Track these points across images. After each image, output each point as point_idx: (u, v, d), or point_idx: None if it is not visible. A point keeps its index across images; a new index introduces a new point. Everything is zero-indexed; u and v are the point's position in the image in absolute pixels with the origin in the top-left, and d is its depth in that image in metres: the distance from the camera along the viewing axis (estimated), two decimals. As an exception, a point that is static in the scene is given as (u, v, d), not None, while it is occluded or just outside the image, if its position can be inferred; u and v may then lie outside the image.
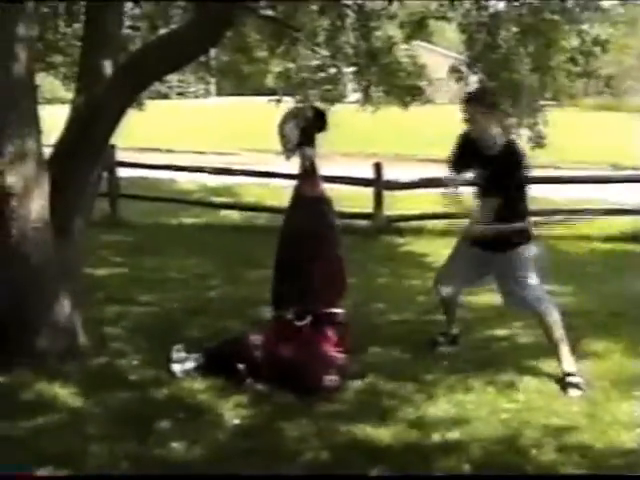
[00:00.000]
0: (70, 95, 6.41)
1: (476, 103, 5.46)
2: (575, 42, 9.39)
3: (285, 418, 4.65)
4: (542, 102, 10.13)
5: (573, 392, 5.09)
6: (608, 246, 10.35)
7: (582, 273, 8.70)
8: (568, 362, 5.29)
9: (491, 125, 5.42)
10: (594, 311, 6.88)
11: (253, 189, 14.65)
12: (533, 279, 5.43)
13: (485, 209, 5.40)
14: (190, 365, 5.37)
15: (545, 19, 8.92)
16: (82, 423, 4.56)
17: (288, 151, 5.60)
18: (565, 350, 5.33)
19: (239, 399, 4.92)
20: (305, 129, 5.54)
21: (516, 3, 9.27)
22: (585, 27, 9.69)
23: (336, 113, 12.47)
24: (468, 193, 5.68)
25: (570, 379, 5.19)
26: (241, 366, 5.20)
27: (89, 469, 4.05)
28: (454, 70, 9.99)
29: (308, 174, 5.61)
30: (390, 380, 5.24)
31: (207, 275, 8.60)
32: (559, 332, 5.34)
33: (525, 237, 5.48)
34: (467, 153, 5.58)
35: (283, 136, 5.59)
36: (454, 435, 4.44)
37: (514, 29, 9.22)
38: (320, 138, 5.61)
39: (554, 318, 5.36)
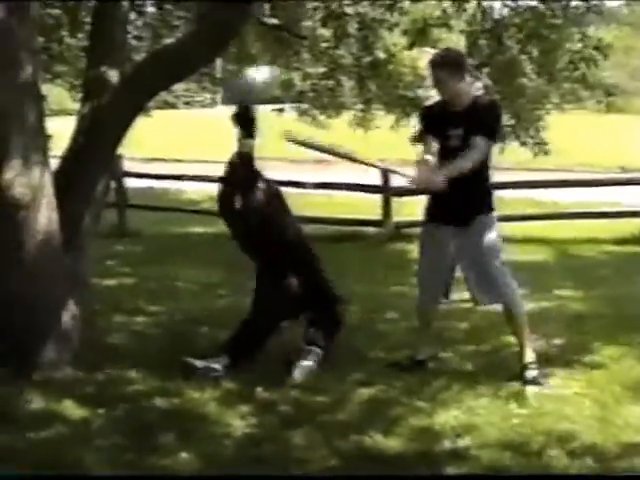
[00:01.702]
0: (77, 106, 6.42)
1: (441, 65, 5.33)
2: (577, 46, 9.37)
3: (292, 427, 4.61)
4: (548, 106, 10.12)
5: (531, 389, 5.08)
6: (619, 249, 10.32)
7: (593, 276, 8.67)
8: (530, 354, 5.31)
9: (460, 86, 5.30)
10: (605, 314, 6.84)
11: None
12: (498, 259, 5.34)
13: (457, 163, 5.17)
14: (218, 367, 5.42)
15: (548, 23, 8.91)
16: (86, 434, 4.53)
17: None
18: (527, 342, 5.35)
19: (246, 409, 4.89)
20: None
21: (520, 8, 9.28)
22: (589, 30, 9.69)
23: (342, 119, 12.56)
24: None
25: (527, 373, 5.22)
26: None
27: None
28: None
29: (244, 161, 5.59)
30: (399, 387, 5.21)
31: (214, 285, 8.59)
32: (524, 324, 5.36)
33: (488, 206, 5.37)
34: (434, 123, 5.40)
35: None
36: (465, 442, 4.40)
37: (518, 35, 9.21)
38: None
39: (521, 309, 5.36)
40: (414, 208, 11.73)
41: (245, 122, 5.52)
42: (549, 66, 9.41)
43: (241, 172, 5.61)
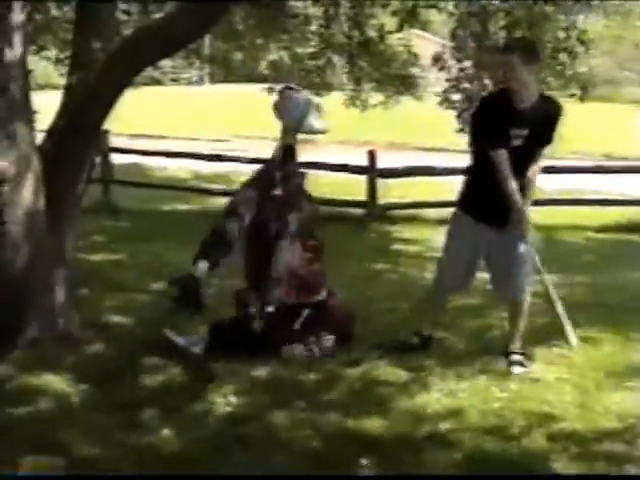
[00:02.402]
0: (64, 81, 6.37)
1: (515, 49, 5.09)
2: (561, 36, 9.36)
3: (277, 407, 4.63)
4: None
5: (514, 372, 5.19)
6: (603, 236, 10.36)
7: (576, 263, 8.69)
8: (518, 342, 5.40)
9: (531, 78, 5.07)
10: (588, 301, 6.86)
11: (246, 176, 14.56)
12: (528, 263, 5.38)
13: (533, 173, 5.25)
14: (200, 346, 5.41)
15: (536, 11, 8.90)
16: (72, 411, 4.55)
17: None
18: (520, 334, 5.42)
19: (231, 387, 4.90)
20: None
21: None
22: (578, 20, 9.67)
23: (330, 100, 12.51)
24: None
25: (513, 357, 5.31)
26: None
27: (78, 457, 4.03)
28: (437, 59, 9.98)
29: (289, 155, 5.69)
30: (382, 369, 5.23)
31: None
32: (524, 319, 5.43)
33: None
34: (497, 118, 5.09)
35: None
36: (446, 425, 4.43)
37: (504, 20, 9.21)
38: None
39: (525, 308, 5.42)
40: (400, 190, 11.83)
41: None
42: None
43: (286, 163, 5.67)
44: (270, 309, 5.49)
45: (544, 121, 5.11)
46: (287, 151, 5.70)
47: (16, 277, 5.36)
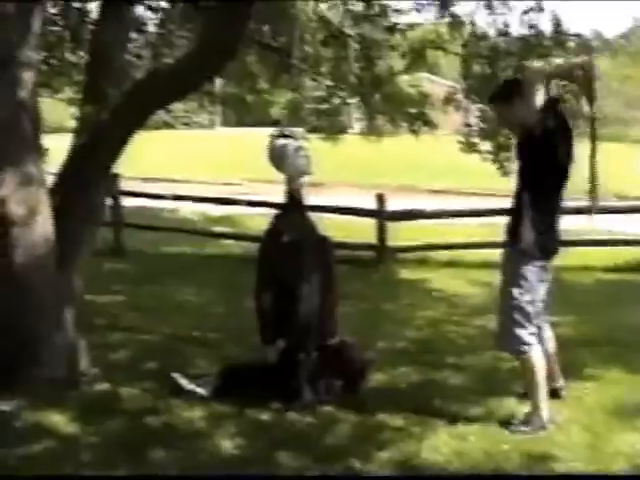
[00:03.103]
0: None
1: (497, 103, 5.20)
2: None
3: (282, 448, 4.62)
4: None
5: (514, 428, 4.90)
6: (612, 276, 10.30)
7: (586, 303, 8.65)
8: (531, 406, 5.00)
9: (521, 112, 4.89)
10: (597, 341, 6.84)
11: (256, 219, 14.64)
12: (515, 311, 4.96)
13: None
14: (207, 389, 5.39)
15: (537, 52, 8.97)
16: (78, 451, 4.54)
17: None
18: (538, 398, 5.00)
19: (236, 428, 4.89)
20: None
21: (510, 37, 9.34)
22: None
23: (341, 143, 12.59)
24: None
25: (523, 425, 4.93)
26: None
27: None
28: (449, 99, 10.01)
29: (296, 201, 5.63)
30: (390, 411, 5.19)
31: (209, 304, 8.58)
32: (530, 377, 5.04)
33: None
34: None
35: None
36: (453, 468, 4.40)
37: (510, 62, 9.26)
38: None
39: (529, 364, 5.00)
40: (410, 233, 11.83)
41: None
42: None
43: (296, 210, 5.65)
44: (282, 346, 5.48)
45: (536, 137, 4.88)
46: (291, 197, 5.66)
47: (24, 317, 5.38)
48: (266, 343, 5.50)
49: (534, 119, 4.79)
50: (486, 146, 10.19)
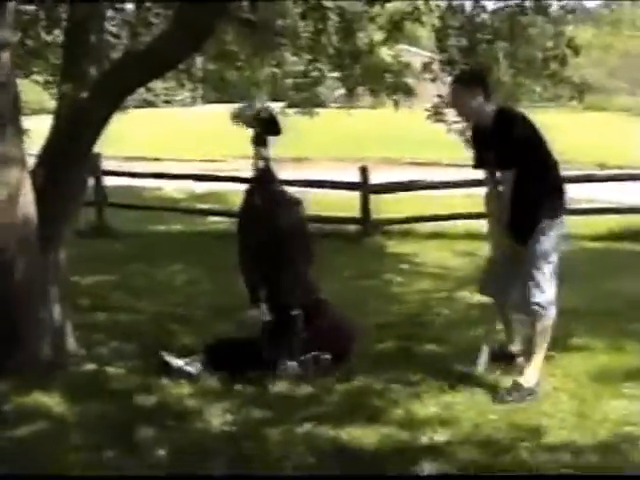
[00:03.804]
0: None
1: (456, 89, 5.32)
2: (549, 44, 9.39)
3: (272, 423, 4.62)
4: (525, 104, 10.12)
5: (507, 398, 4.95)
6: (597, 245, 10.36)
7: (571, 272, 8.64)
8: (533, 376, 5.08)
9: (477, 103, 5.15)
10: (583, 309, 6.87)
11: (241, 195, 14.59)
12: (547, 275, 5.16)
13: (505, 186, 5.14)
14: (196, 366, 5.40)
15: (520, 21, 8.96)
16: (67, 432, 4.53)
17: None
18: (539, 361, 5.14)
19: (226, 405, 4.90)
20: (257, 131, 5.71)
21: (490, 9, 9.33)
22: (567, 29, 9.70)
23: (323, 117, 12.57)
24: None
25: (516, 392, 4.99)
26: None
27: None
28: (426, 68, 9.99)
29: (265, 173, 5.74)
30: (377, 382, 5.22)
31: (195, 282, 8.58)
32: (546, 339, 5.17)
33: (548, 218, 5.17)
34: (478, 143, 5.35)
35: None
36: (442, 437, 4.42)
37: (488, 34, 9.23)
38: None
39: (547, 324, 5.15)
40: (393, 205, 11.85)
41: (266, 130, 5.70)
42: (520, 63, 9.41)
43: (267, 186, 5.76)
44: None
45: (499, 137, 5.10)
46: (261, 168, 5.77)
47: (9, 300, 5.36)
48: (253, 302, 5.64)
49: (487, 117, 5.12)
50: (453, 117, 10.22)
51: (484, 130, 5.23)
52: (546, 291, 5.13)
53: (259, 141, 5.71)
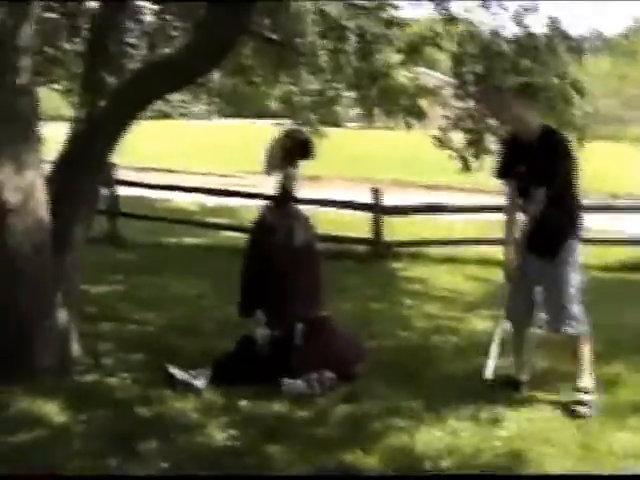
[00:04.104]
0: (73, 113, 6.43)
1: (509, 95, 5.46)
2: (555, 82, 9.43)
3: (274, 440, 4.61)
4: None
5: (582, 409, 5.14)
6: (607, 275, 10.31)
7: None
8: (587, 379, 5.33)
9: (527, 114, 5.30)
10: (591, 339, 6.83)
11: (254, 211, 14.59)
12: (575, 293, 5.35)
13: (534, 203, 5.24)
14: (202, 380, 5.41)
15: (531, 55, 9.00)
16: (68, 440, 4.53)
17: (268, 168, 5.85)
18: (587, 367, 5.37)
19: (228, 419, 4.89)
20: (289, 151, 5.81)
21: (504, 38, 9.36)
22: (565, 69, 9.71)
23: (338, 137, 12.60)
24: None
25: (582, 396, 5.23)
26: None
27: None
28: (433, 91, 10.01)
29: (287, 193, 5.84)
30: (382, 406, 5.19)
31: (204, 295, 8.57)
32: (587, 353, 5.38)
33: (573, 238, 5.37)
34: (511, 154, 5.45)
35: (268, 155, 5.85)
36: (446, 463, 4.40)
37: (503, 63, 9.27)
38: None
39: (586, 341, 5.39)
40: (406, 228, 11.84)
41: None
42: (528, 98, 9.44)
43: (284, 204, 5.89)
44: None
45: (544, 154, 5.20)
46: (283, 189, 5.87)
47: (20, 306, 5.37)
48: (241, 315, 5.83)
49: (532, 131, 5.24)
50: (458, 138, 10.26)
51: (524, 143, 5.30)
52: (578, 305, 5.37)
53: (291, 161, 5.81)
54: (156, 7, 10.22)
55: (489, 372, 5.43)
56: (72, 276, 5.80)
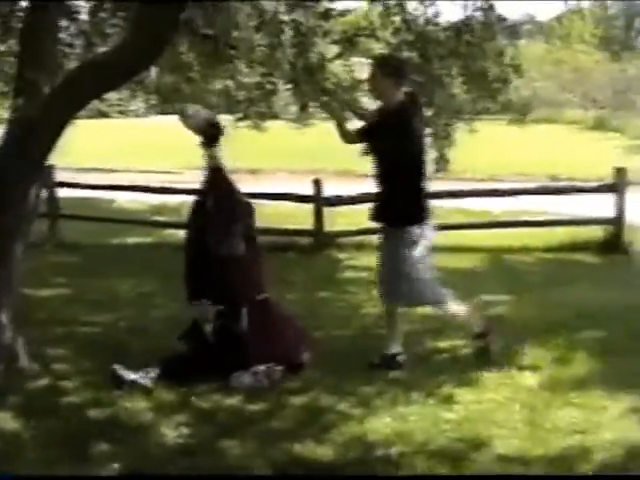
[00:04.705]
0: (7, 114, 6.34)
1: (376, 70, 5.63)
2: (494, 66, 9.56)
3: (227, 436, 4.63)
4: (464, 117, 10.22)
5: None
6: (548, 256, 10.48)
7: (522, 283, 8.80)
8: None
9: (390, 91, 5.56)
10: (534, 320, 6.95)
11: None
12: (420, 268, 5.56)
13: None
14: (150, 378, 5.41)
15: (466, 41, 9.10)
16: (20, 447, 4.49)
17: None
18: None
19: (181, 418, 4.90)
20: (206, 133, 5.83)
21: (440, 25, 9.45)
22: (520, 44, 9.83)
23: (278, 130, 12.58)
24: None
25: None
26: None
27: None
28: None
29: (217, 171, 5.85)
30: (331, 395, 5.25)
31: (151, 294, 8.53)
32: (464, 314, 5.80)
33: (418, 216, 5.59)
34: (370, 124, 5.75)
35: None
36: (396, 448, 4.45)
37: (438, 50, 9.36)
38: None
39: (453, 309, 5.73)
40: (346, 218, 11.88)
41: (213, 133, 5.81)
42: (472, 79, 9.55)
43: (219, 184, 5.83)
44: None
45: (387, 122, 5.56)
46: (212, 171, 5.87)
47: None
48: (189, 299, 5.82)
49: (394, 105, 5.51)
50: None
51: (382, 114, 5.63)
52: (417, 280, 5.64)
53: (211, 141, 5.82)
54: (90, 4, 10.10)
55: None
56: (12, 284, 5.72)
